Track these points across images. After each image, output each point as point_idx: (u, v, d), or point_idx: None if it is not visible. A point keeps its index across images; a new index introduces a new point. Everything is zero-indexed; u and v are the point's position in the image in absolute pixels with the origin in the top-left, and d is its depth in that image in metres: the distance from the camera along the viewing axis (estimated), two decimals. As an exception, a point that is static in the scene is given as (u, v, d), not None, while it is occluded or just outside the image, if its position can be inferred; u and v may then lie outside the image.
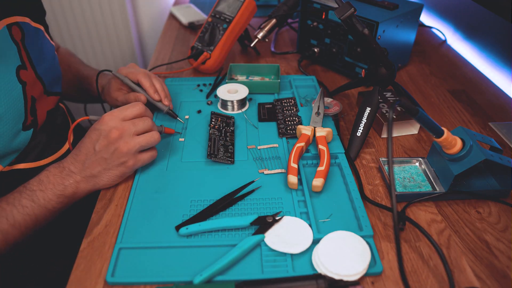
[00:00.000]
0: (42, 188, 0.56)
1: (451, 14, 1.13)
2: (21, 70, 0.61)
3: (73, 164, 0.57)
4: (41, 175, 0.57)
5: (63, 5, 1.49)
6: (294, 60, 0.99)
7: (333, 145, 0.67)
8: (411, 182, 0.61)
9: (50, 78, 0.69)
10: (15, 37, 0.62)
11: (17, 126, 0.61)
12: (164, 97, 0.72)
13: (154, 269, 0.49)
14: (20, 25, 0.63)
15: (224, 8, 0.90)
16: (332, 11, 0.87)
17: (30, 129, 0.64)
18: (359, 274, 0.46)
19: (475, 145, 0.54)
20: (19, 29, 0.63)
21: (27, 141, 0.63)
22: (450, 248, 0.51)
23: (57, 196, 0.56)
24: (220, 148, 0.66)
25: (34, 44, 0.66)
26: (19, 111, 0.61)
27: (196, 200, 0.58)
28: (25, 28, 0.64)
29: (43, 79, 0.67)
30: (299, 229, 0.52)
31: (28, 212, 0.54)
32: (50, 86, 0.69)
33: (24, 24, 0.64)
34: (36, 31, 0.67)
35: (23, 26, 0.64)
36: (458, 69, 0.95)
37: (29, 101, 0.63)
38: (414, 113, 0.50)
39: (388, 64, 0.67)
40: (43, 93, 0.67)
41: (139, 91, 0.72)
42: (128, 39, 1.60)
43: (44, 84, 0.68)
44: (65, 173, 0.57)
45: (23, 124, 0.62)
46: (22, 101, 0.61)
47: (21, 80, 0.61)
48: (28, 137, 0.63)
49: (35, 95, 0.65)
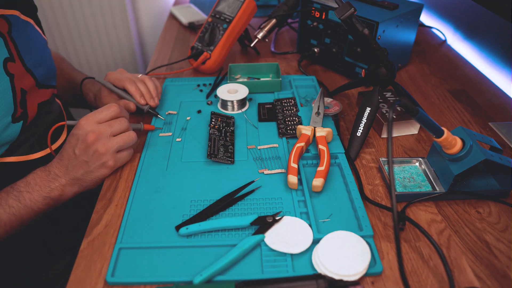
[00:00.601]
0: (29, 189, 0.57)
1: (451, 14, 1.13)
2: (9, 63, 0.62)
3: (58, 168, 0.59)
4: (28, 177, 0.59)
5: (63, 5, 1.49)
6: (294, 60, 0.99)
7: (333, 145, 0.67)
8: (411, 182, 0.61)
9: (42, 71, 0.69)
10: (1, 30, 0.62)
11: (6, 118, 0.61)
12: (150, 98, 0.74)
13: (154, 269, 0.49)
14: (7, 18, 0.63)
15: (224, 8, 0.90)
16: (332, 11, 0.87)
17: (20, 121, 0.64)
18: (359, 274, 0.46)
19: (475, 145, 0.54)
20: (6, 21, 0.63)
21: (17, 133, 0.63)
22: (450, 248, 0.51)
23: (43, 198, 0.58)
24: (220, 148, 0.66)
25: (22, 37, 0.66)
26: (7, 103, 0.61)
27: (196, 200, 0.58)
28: (13, 20, 0.64)
29: (33, 72, 0.67)
30: (299, 229, 0.52)
31: (14, 212, 0.56)
32: (42, 79, 0.69)
33: (12, 16, 0.64)
34: (25, 24, 0.67)
35: (11, 19, 0.64)
36: (458, 69, 0.95)
37: (18, 93, 0.63)
38: (414, 113, 0.50)
39: (388, 64, 0.67)
40: (35, 86, 0.67)
41: (125, 97, 0.74)
42: (128, 39, 1.60)
43: (36, 77, 0.67)
44: (51, 177, 0.59)
45: (12, 116, 0.62)
46: (10, 93, 0.61)
47: (9, 72, 0.62)
48: (17, 129, 0.63)
49: (25, 88, 0.65)
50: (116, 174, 0.63)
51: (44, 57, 0.71)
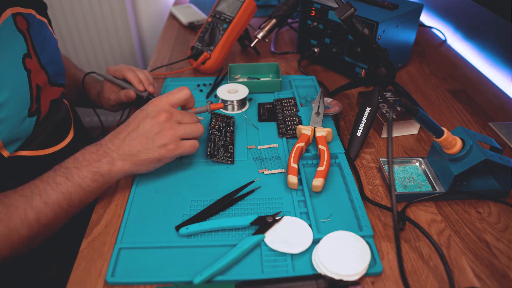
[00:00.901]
0: (77, 165, 0.55)
1: (451, 14, 1.13)
2: (27, 59, 0.63)
3: (111, 142, 0.57)
4: (77, 154, 0.56)
5: (63, 5, 1.49)
6: (294, 60, 0.99)
7: (333, 145, 0.67)
8: (411, 182, 0.61)
9: (54, 69, 0.71)
10: (20, 27, 0.63)
11: (24, 112, 0.61)
12: (148, 85, 0.76)
13: (154, 269, 0.49)
14: (25, 16, 0.65)
15: (224, 8, 0.90)
16: (332, 11, 0.87)
17: (34, 116, 0.64)
18: (359, 274, 0.46)
19: (475, 145, 0.54)
20: (24, 19, 0.64)
21: (31, 128, 0.64)
22: (450, 248, 0.51)
23: (92, 173, 0.54)
24: (220, 148, 0.66)
25: (38, 35, 0.67)
26: (25, 97, 0.61)
27: (196, 200, 0.58)
28: (30, 19, 0.66)
29: (47, 69, 0.68)
30: (299, 229, 0.52)
31: (62, 190, 0.53)
32: (54, 77, 0.71)
33: (29, 15, 0.66)
34: (40, 23, 0.69)
35: (28, 17, 0.65)
36: (458, 69, 0.95)
37: (34, 89, 0.64)
38: (414, 113, 0.50)
39: (388, 64, 0.67)
40: (47, 83, 0.69)
41: (125, 86, 0.76)
42: (128, 39, 1.60)
43: (49, 74, 0.69)
44: (102, 150, 0.56)
45: (28, 110, 0.62)
46: (28, 87, 0.62)
47: (26, 68, 0.62)
48: (32, 124, 0.64)
49: (40, 84, 0.66)
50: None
51: (56, 56, 0.73)
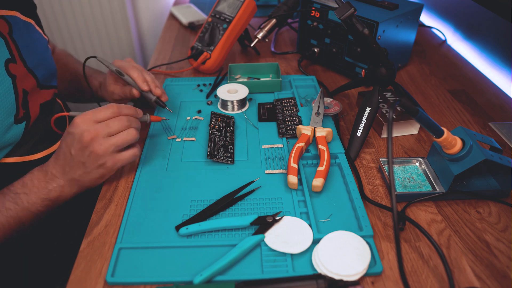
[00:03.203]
0: (26, 191, 0.56)
1: (451, 14, 1.13)
2: (10, 64, 0.61)
3: (55, 168, 0.57)
4: (25, 178, 0.57)
5: (63, 5, 1.49)
6: (294, 60, 0.99)
7: (333, 145, 0.67)
8: (411, 182, 0.61)
9: (43, 71, 0.69)
10: (1, 31, 0.61)
11: (9, 120, 0.60)
12: (155, 87, 0.72)
13: (154, 269, 0.49)
14: (6, 19, 0.62)
15: (224, 8, 0.90)
16: (332, 11, 0.87)
17: (23, 122, 0.63)
18: (359, 274, 0.46)
19: (475, 145, 0.54)
20: (6, 22, 0.62)
21: (20, 134, 0.63)
22: (450, 248, 0.51)
23: (41, 199, 0.56)
24: (220, 148, 0.66)
25: (23, 38, 0.65)
26: (9, 104, 0.60)
27: (196, 200, 0.58)
28: (13, 21, 0.64)
29: (35, 72, 0.66)
30: (299, 229, 0.52)
31: (12, 215, 0.55)
32: (43, 80, 0.69)
33: (12, 17, 0.63)
34: (26, 25, 0.67)
35: (11, 20, 0.63)
36: (458, 69, 0.95)
37: (20, 94, 0.62)
38: (414, 113, 0.50)
39: (388, 64, 0.67)
40: (36, 87, 0.67)
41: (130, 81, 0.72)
42: (128, 39, 1.60)
43: (37, 78, 0.67)
44: (48, 177, 0.57)
45: (14, 117, 0.61)
46: (13, 94, 0.61)
47: (11, 73, 0.61)
48: (21, 130, 0.63)
49: (27, 88, 0.64)
50: (116, 174, 0.63)
51: (45, 57, 0.71)
